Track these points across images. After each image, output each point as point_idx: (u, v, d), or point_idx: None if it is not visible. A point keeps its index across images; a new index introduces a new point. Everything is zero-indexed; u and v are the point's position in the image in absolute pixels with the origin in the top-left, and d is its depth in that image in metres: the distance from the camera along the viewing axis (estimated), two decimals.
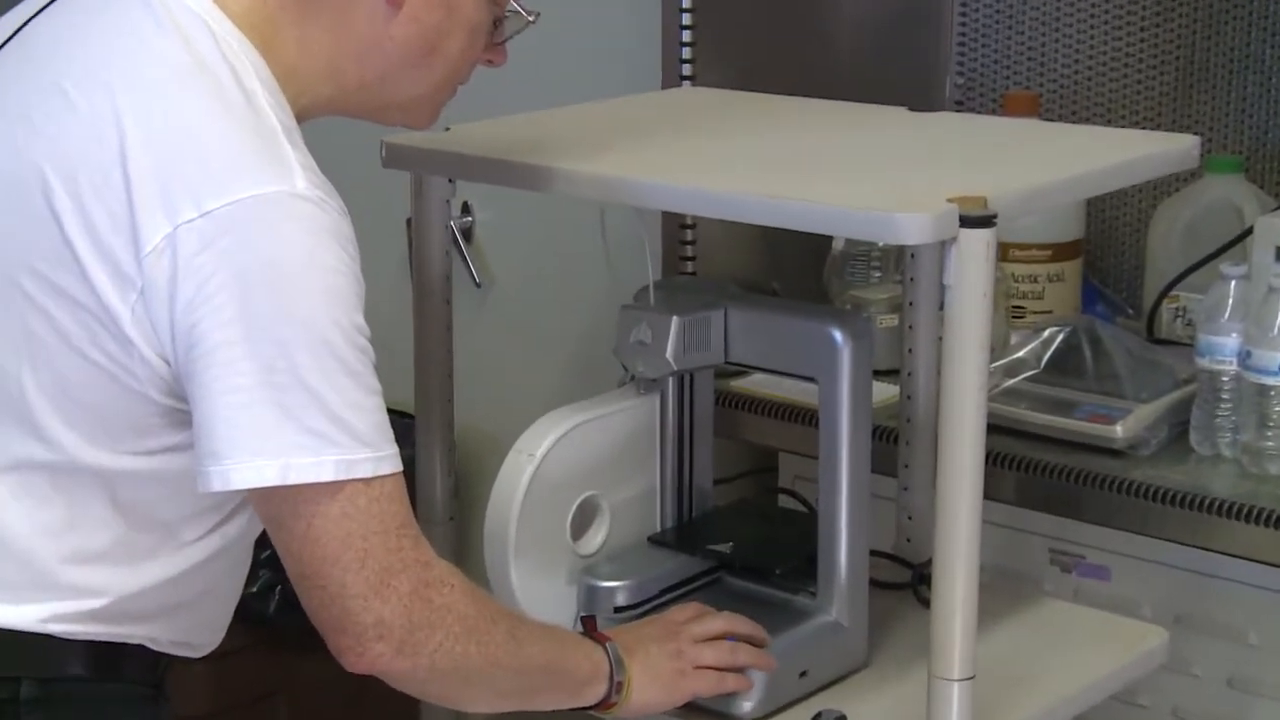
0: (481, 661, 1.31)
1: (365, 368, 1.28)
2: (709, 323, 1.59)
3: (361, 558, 1.26)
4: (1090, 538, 1.97)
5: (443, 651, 1.29)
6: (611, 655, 1.45)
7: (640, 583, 1.59)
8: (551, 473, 1.59)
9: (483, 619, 1.32)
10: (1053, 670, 1.62)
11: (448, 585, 1.30)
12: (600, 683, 1.44)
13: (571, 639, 1.45)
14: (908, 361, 1.81)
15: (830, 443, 1.57)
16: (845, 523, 1.58)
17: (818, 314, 1.61)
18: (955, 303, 1.36)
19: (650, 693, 1.46)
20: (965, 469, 1.39)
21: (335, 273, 1.27)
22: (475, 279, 2.60)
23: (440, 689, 1.33)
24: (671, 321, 1.57)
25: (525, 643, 1.35)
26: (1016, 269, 2.27)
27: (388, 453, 1.28)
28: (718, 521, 1.70)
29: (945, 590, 1.41)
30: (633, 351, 1.59)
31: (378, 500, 1.26)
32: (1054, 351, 2.08)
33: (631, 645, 1.48)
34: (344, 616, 1.27)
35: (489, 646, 1.31)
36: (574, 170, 1.54)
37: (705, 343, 1.59)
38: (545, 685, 1.39)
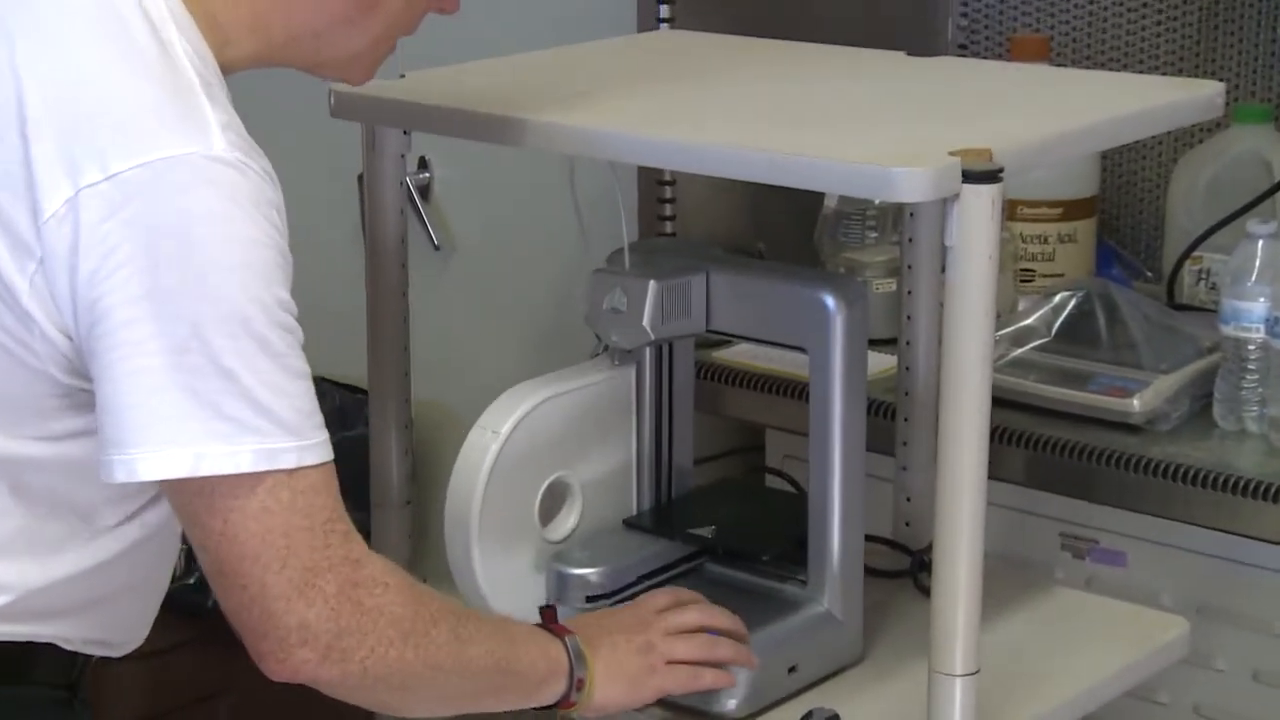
0: (420, 666, 1.30)
1: (290, 348, 1.27)
2: (689, 288, 1.59)
3: (284, 556, 1.25)
4: (1105, 521, 1.98)
5: (375, 657, 1.28)
6: (571, 650, 1.44)
7: (614, 569, 1.60)
8: (518, 452, 1.59)
9: (421, 620, 1.31)
10: (1064, 664, 1.63)
11: (380, 585, 1.29)
12: (558, 681, 1.43)
13: (526, 634, 1.44)
14: (906, 330, 1.82)
15: (822, 419, 1.58)
16: (838, 505, 1.58)
17: (808, 278, 1.62)
18: (958, 265, 1.37)
19: (615, 690, 1.46)
20: (968, 447, 1.40)
21: (256, 244, 1.26)
22: (434, 241, 2.60)
23: (376, 697, 1.32)
24: (648, 286, 1.57)
25: (471, 643, 1.35)
26: (1025, 228, 2.28)
27: (314, 441, 1.27)
28: (699, 503, 1.71)
29: (947, 578, 1.42)
30: (606, 320, 1.59)
31: (302, 493, 1.26)
32: (1065, 318, 2.08)
33: (595, 638, 1.48)
34: (265, 620, 1.26)
35: (429, 650, 1.31)
36: (541, 121, 1.54)
37: (685, 309, 1.59)
38: (496, 687, 1.39)
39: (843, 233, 2.28)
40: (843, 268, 2.24)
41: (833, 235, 2.28)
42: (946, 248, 1.37)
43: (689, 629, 1.51)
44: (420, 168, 2.60)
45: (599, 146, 1.53)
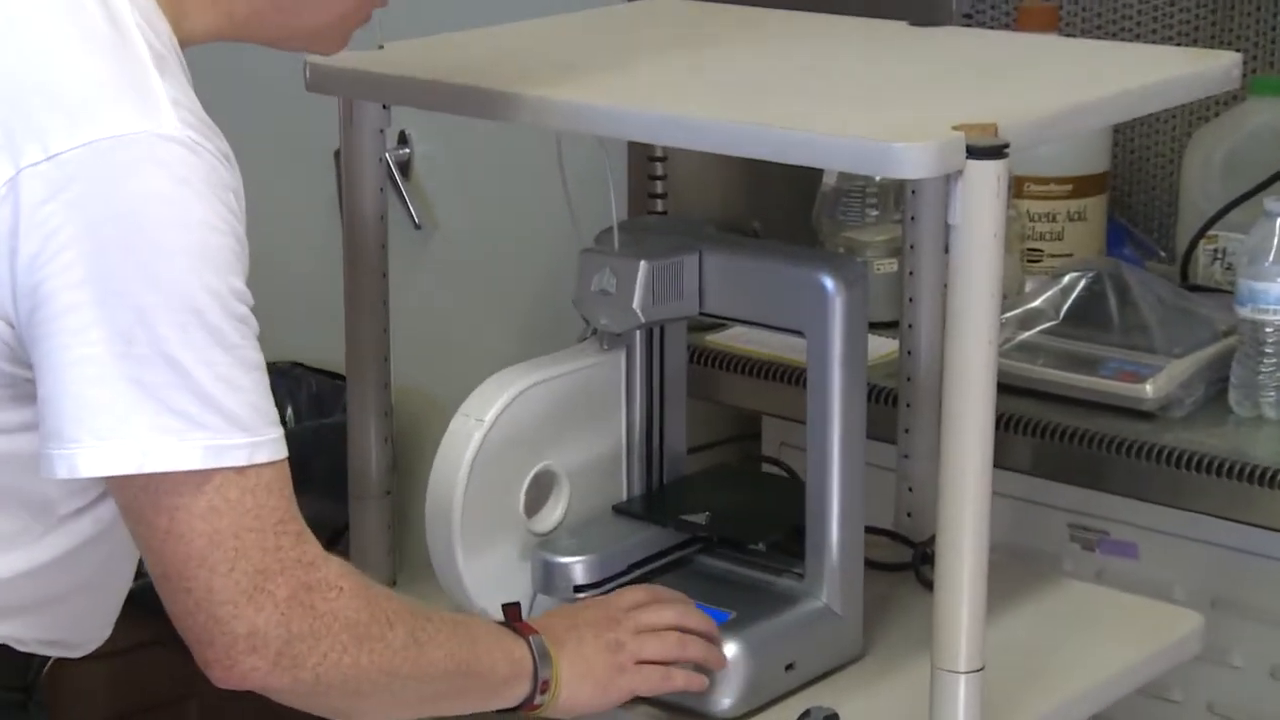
0: (376, 672, 1.30)
1: (244, 339, 1.27)
2: (681, 268, 1.59)
3: (232, 559, 1.25)
4: (1116, 511, 1.99)
5: (328, 664, 1.28)
6: (535, 650, 1.44)
7: (603, 558, 1.60)
8: (502, 440, 1.60)
9: (377, 624, 1.31)
10: (1072, 661, 1.64)
11: (335, 589, 1.29)
12: (522, 682, 1.43)
13: (488, 635, 1.43)
14: (908, 312, 1.82)
15: (820, 405, 1.58)
16: (837, 495, 1.59)
17: (805, 258, 1.62)
18: (962, 245, 1.37)
19: (582, 691, 1.46)
20: (973, 434, 1.40)
21: (208, 229, 1.24)
22: (414, 220, 2.60)
23: (329, 703, 1.32)
24: (639, 267, 1.57)
25: (430, 646, 1.35)
26: (1032, 206, 2.28)
27: (266, 437, 1.27)
28: (692, 489, 1.71)
29: (951, 571, 1.42)
30: (595, 302, 1.60)
31: (252, 492, 1.25)
32: (1075, 300, 2.09)
33: (562, 635, 1.48)
34: (211, 625, 1.25)
35: (384, 655, 1.31)
36: (527, 95, 1.54)
37: (677, 291, 1.59)
38: (456, 690, 1.39)
39: (842, 211, 2.28)
40: (842, 247, 2.24)
41: (831, 214, 2.29)
42: (950, 226, 1.38)
43: (661, 627, 1.51)
44: (400, 143, 2.60)
45: (587, 121, 1.53)
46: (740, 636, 1.55)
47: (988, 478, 1.41)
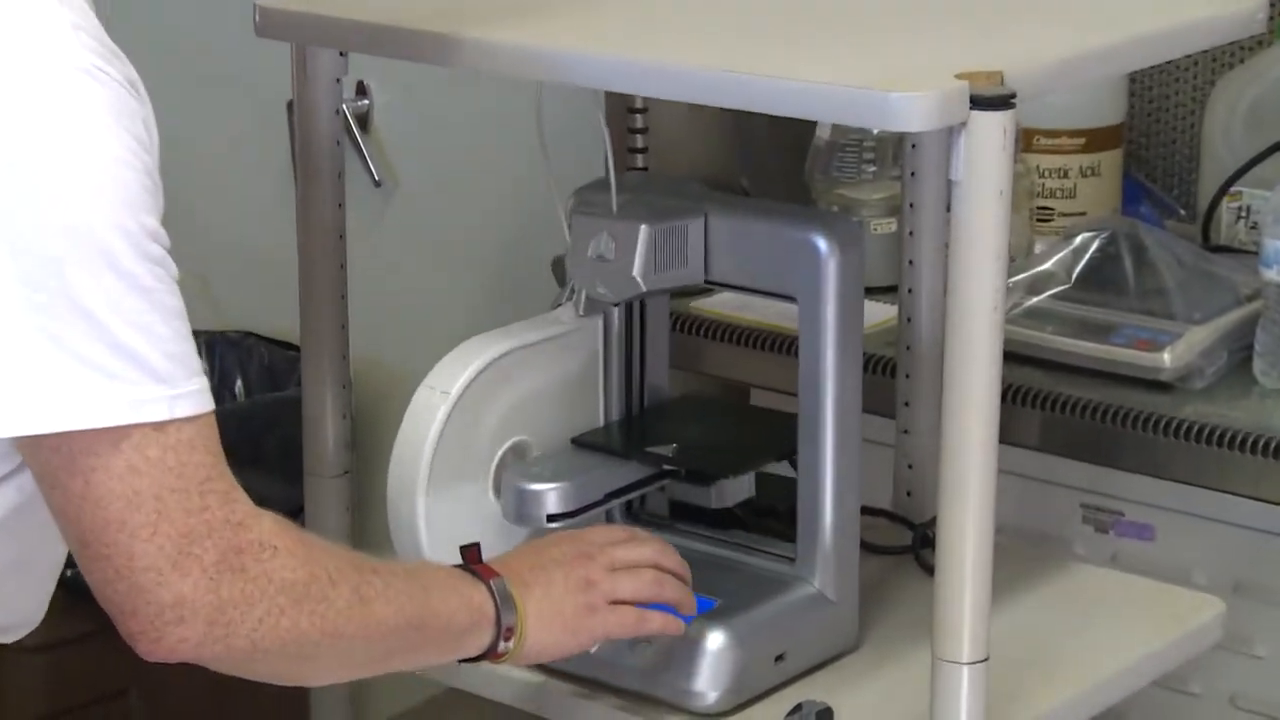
0: (319, 634, 1.30)
1: (161, 283, 1.25)
2: (685, 233, 1.59)
3: (154, 521, 1.23)
4: (1131, 490, 2.00)
5: (265, 629, 1.27)
6: (497, 594, 1.43)
7: (578, 486, 1.59)
8: (470, 415, 1.60)
9: (318, 583, 1.30)
10: (1083, 651, 1.65)
11: (268, 549, 1.28)
12: (483, 630, 1.43)
13: (444, 583, 1.42)
14: (908, 276, 1.83)
15: (812, 376, 1.59)
16: (831, 473, 1.59)
17: (797, 218, 1.62)
18: (965, 203, 1.38)
19: (550, 634, 1.46)
20: (977, 407, 1.41)
21: (118, 164, 1.23)
22: (374, 177, 2.60)
23: (271, 669, 1.32)
24: (639, 232, 1.57)
25: (377, 602, 1.34)
26: (1042, 161, 2.29)
27: (187, 389, 1.25)
28: (663, 419, 1.69)
29: (953, 555, 1.43)
30: (590, 269, 1.59)
31: (174, 449, 1.24)
32: (1087, 262, 2.09)
33: (527, 576, 1.47)
34: (134, 594, 1.24)
35: (328, 615, 1.30)
36: (494, 41, 1.54)
37: (681, 257, 1.59)
38: (410, 645, 1.39)
39: (836, 167, 2.28)
40: (836, 206, 2.24)
41: (825, 169, 2.29)
42: (952, 183, 1.38)
43: (636, 565, 1.51)
44: (358, 94, 2.60)
45: (560, 69, 1.53)
46: (726, 625, 1.55)
47: (993, 454, 1.42)
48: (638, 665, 1.56)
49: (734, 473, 1.62)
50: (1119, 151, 2.32)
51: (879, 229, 2.20)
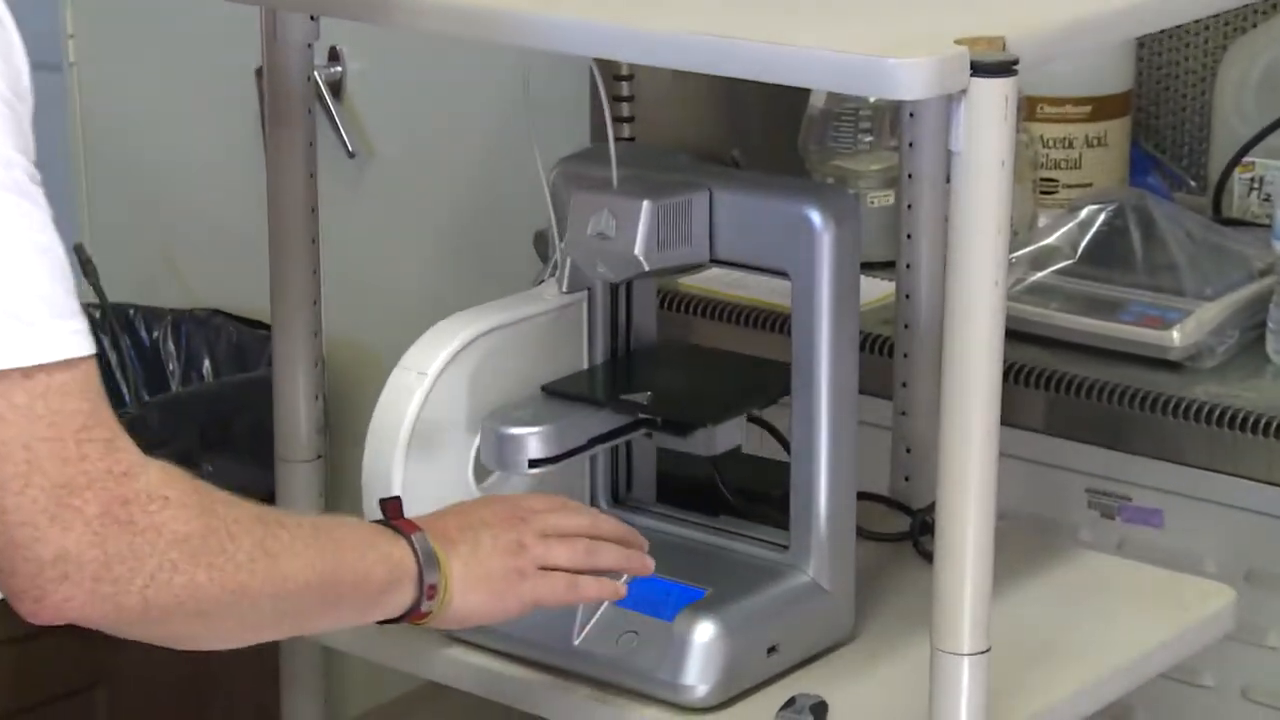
0: (218, 590, 1.28)
1: (25, 217, 1.21)
2: (689, 209, 1.59)
3: (25, 473, 1.20)
4: (1139, 474, 2.00)
5: (157, 586, 1.25)
6: (419, 550, 1.42)
7: (562, 429, 1.59)
8: (448, 397, 1.60)
9: (216, 536, 1.28)
10: (1089, 641, 1.65)
11: (158, 500, 1.25)
12: (404, 588, 1.42)
13: (359, 538, 1.40)
14: (906, 250, 1.83)
15: (806, 356, 1.59)
16: (826, 457, 1.60)
17: (790, 190, 1.62)
18: (966, 174, 1.38)
19: (477, 596, 1.45)
20: (978, 388, 1.41)
21: None
22: (347, 147, 2.59)
23: (168, 630, 1.30)
24: (641, 209, 1.57)
25: (284, 557, 1.32)
26: (1046, 130, 2.29)
27: (58, 332, 1.22)
28: (639, 365, 1.68)
29: (953, 542, 1.43)
30: (590, 247, 1.59)
31: (43, 396, 1.21)
32: (1094, 236, 2.10)
33: (454, 534, 1.46)
34: (11, 551, 1.21)
35: (228, 570, 1.28)
36: (474, 6, 1.54)
37: (685, 235, 1.59)
38: (323, 604, 1.37)
39: (831, 137, 2.28)
40: (831, 178, 2.24)
41: (819, 140, 2.29)
42: (952, 154, 1.38)
43: (570, 533, 1.50)
44: (331, 60, 2.60)
45: (545, 36, 1.52)
46: (716, 615, 1.56)
47: (994, 437, 1.42)
48: (621, 657, 1.56)
49: (713, 420, 1.61)
50: (1126, 120, 2.32)
51: (876, 202, 2.20)
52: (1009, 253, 1.41)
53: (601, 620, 1.59)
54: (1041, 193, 2.28)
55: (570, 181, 1.66)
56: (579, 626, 1.59)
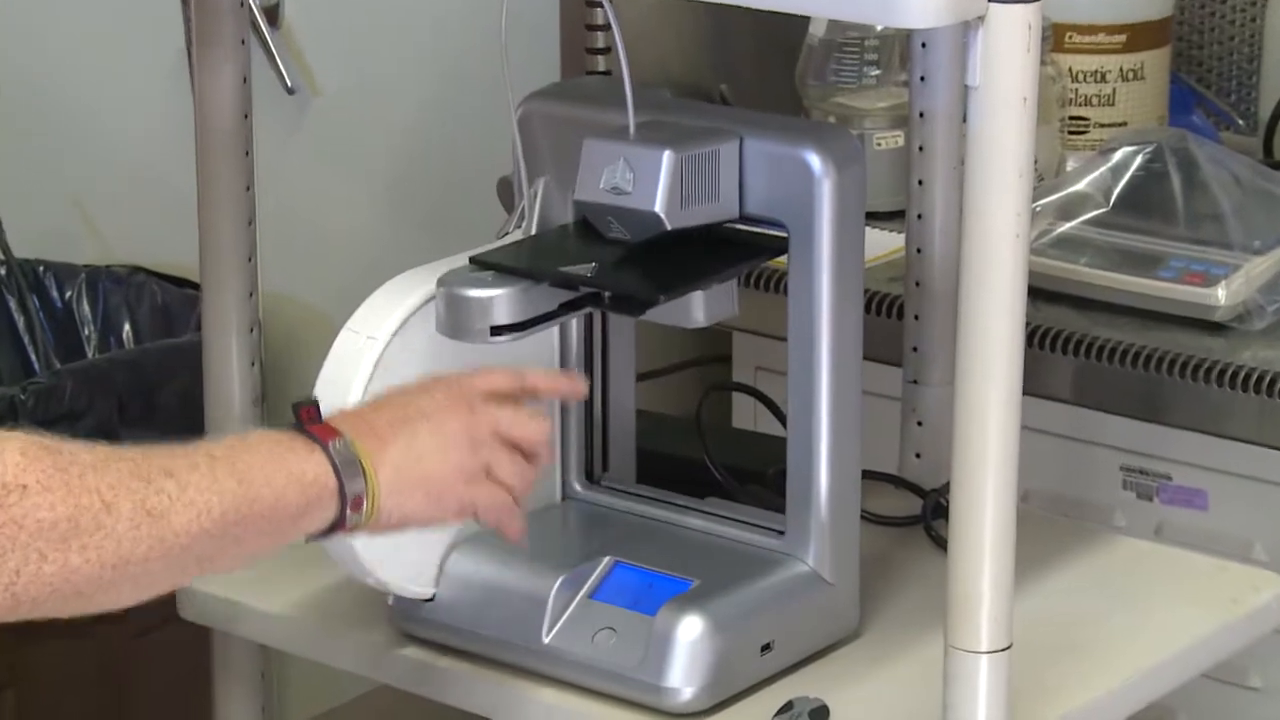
0: (98, 568, 1.29)
1: None
2: (715, 160, 1.60)
3: None
4: (1180, 449, 2.01)
5: (26, 579, 1.26)
6: (338, 459, 1.42)
7: (530, 292, 1.57)
8: (402, 363, 1.60)
9: (86, 514, 1.28)
10: (1123, 637, 1.66)
11: (15, 489, 1.26)
12: (323, 505, 1.42)
13: (268, 459, 1.40)
14: (917, 199, 1.84)
15: (804, 318, 1.60)
16: (826, 432, 1.61)
17: (786, 131, 1.63)
18: (983, 112, 1.39)
19: (411, 500, 1.45)
20: (998, 353, 1.42)
21: None
22: (286, 83, 2.59)
23: (49, 612, 1.30)
24: (662, 159, 1.57)
25: (173, 513, 1.32)
26: (1075, 62, 2.30)
27: None
28: (581, 233, 1.65)
29: (969, 526, 1.44)
30: (603, 203, 1.58)
31: None
32: (1129, 182, 2.10)
33: (385, 431, 1.46)
34: None
35: (106, 546, 1.29)
36: None
37: (712, 190, 1.60)
38: (230, 542, 1.37)
39: (833, 71, 2.28)
40: (833, 116, 2.25)
41: (819, 74, 2.29)
42: (969, 89, 1.39)
43: (526, 443, 1.51)
44: None
45: None
46: (704, 609, 1.57)
47: (1016, 408, 1.43)
48: (597, 657, 1.57)
49: (667, 291, 1.60)
50: (1166, 50, 2.32)
51: (883, 144, 2.21)
52: (1033, 201, 1.42)
53: (574, 615, 1.60)
54: (1070, 133, 2.29)
55: (541, 122, 1.67)
56: (548, 622, 1.60)
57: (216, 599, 1.75)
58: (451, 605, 1.64)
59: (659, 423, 1.86)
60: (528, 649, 1.60)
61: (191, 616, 1.78)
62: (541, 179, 1.67)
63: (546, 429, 1.53)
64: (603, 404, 1.75)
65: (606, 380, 1.74)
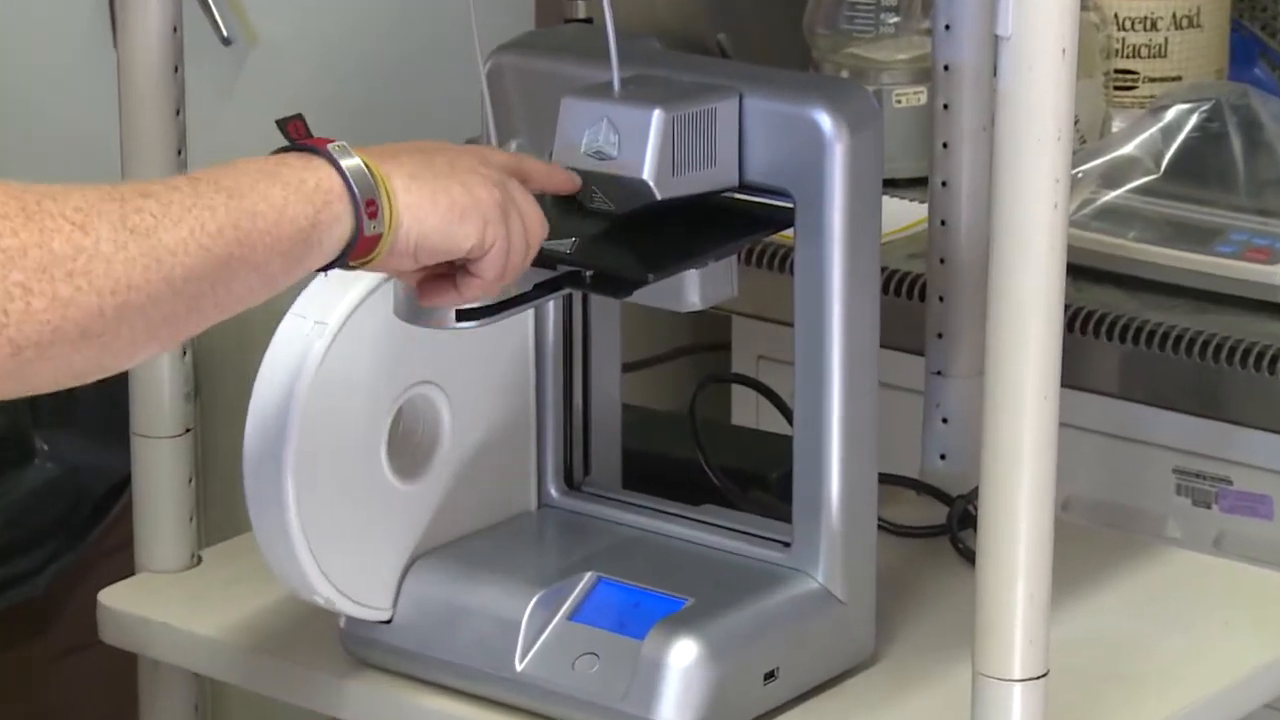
0: (92, 298, 1.30)
1: None
2: (713, 120, 1.60)
3: None
4: (1241, 450, 2.02)
5: (17, 316, 1.28)
6: (341, 164, 1.43)
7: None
8: (354, 354, 1.61)
9: (61, 234, 1.29)
10: (1177, 664, 1.67)
11: None
12: (335, 215, 1.41)
13: (257, 175, 1.41)
14: (941, 164, 1.84)
15: (813, 300, 1.60)
16: (838, 430, 1.61)
17: (792, 87, 1.63)
18: (1017, 65, 1.39)
19: (435, 211, 1.46)
20: (1034, 340, 1.42)
21: None
22: (222, 32, 2.59)
23: (59, 369, 1.32)
24: (651, 119, 1.58)
25: (161, 229, 1.33)
26: (1123, 8, 2.30)
27: None
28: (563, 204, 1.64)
29: (1000, 538, 1.45)
30: (585, 170, 1.58)
31: None
32: (1183, 144, 2.11)
33: (392, 150, 1.47)
34: None
35: (94, 269, 1.30)
36: None
37: (708, 154, 1.60)
38: (240, 265, 1.37)
39: (846, 18, 2.29)
40: (846, 70, 2.25)
41: (831, 23, 2.30)
42: (999, 39, 1.39)
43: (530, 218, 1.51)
44: None
45: None
46: (699, 633, 1.57)
47: (1054, 403, 1.44)
48: (578, 686, 1.58)
49: (656, 270, 1.60)
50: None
51: (903, 101, 2.22)
52: (1073, 166, 1.42)
53: (551, 639, 1.60)
54: (1116, 88, 2.29)
55: (513, 76, 1.67)
56: (522, 647, 1.60)
57: (140, 619, 1.76)
58: (411, 628, 1.64)
59: (648, 419, 1.87)
60: (498, 677, 1.61)
61: (113, 640, 1.79)
62: (513, 142, 1.68)
63: (545, 223, 1.53)
64: (584, 398, 1.75)
65: (588, 371, 1.75)
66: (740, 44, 2.33)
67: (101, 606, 1.78)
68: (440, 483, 1.68)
